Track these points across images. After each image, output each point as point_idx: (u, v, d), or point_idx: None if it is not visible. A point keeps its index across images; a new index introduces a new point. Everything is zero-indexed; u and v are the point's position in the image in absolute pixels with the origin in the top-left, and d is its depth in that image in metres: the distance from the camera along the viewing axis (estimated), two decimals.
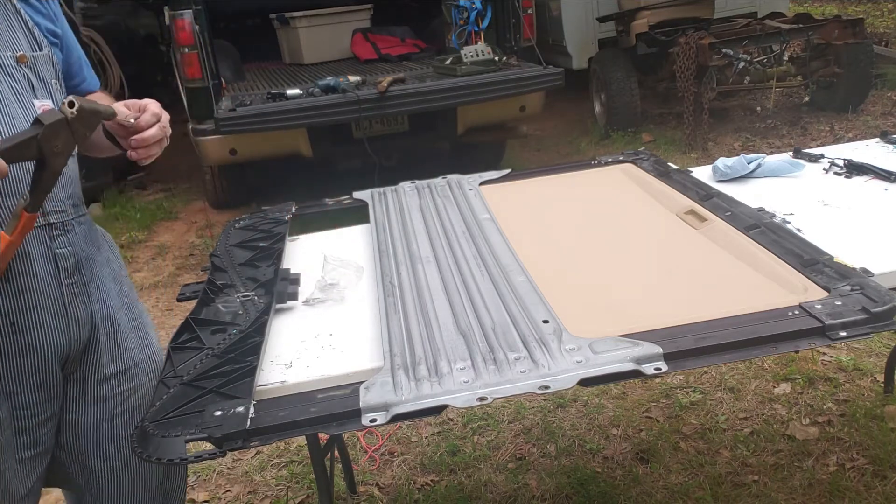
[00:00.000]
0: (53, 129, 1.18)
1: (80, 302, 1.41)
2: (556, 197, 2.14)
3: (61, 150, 1.20)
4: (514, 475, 2.40)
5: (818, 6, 9.99)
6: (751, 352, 1.26)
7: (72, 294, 1.39)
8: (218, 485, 2.54)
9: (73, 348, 1.41)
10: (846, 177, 1.99)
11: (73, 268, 1.39)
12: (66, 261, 1.38)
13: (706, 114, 5.40)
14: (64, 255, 1.38)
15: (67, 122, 1.19)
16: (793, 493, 2.18)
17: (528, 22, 4.92)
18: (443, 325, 1.40)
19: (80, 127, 1.21)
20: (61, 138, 1.19)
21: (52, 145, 1.18)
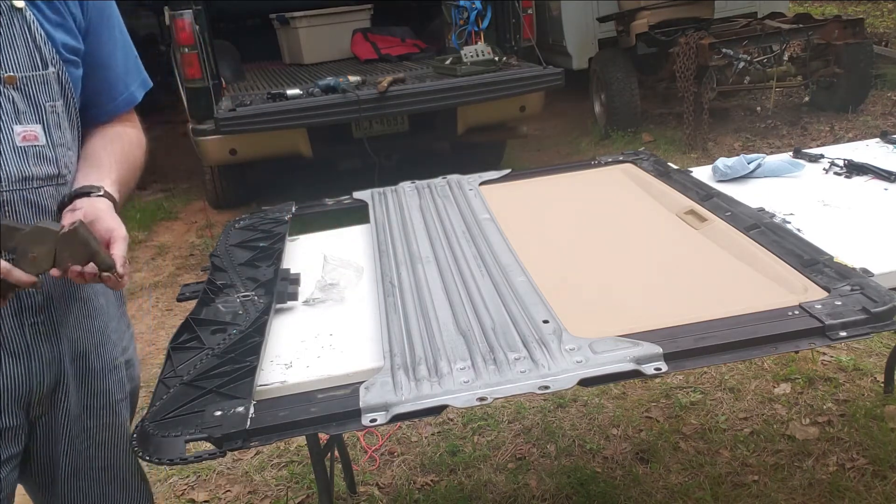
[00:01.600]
0: (35, 237, 1.10)
1: (46, 342, 1.28)
2: (556, 197, 2.14)
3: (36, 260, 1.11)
4: (514, 475, 2.40)
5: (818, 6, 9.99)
6: (751, 352, 1.26)
7: (36, 334, 1.26)
8: (218, 485, 2.54)
9: (36, 391, 1.29)
10: (846, 177, 1.98)
11: (39, 305, 1.26)
12: (32, 298, 1.25)
13: (706, 114, 5.40)
14: (29, 291, 1.22)
15: (55, 238, 1.11)
16: (793, 493, 2.18)
17: (528, 22, 4.92)
18: (443, 325, 1.40)
19: (65, 250, 1.12)
20: (40, 250, 1.10)
21: (28, 251, 1.10)
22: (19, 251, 1.09)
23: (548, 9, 6.61)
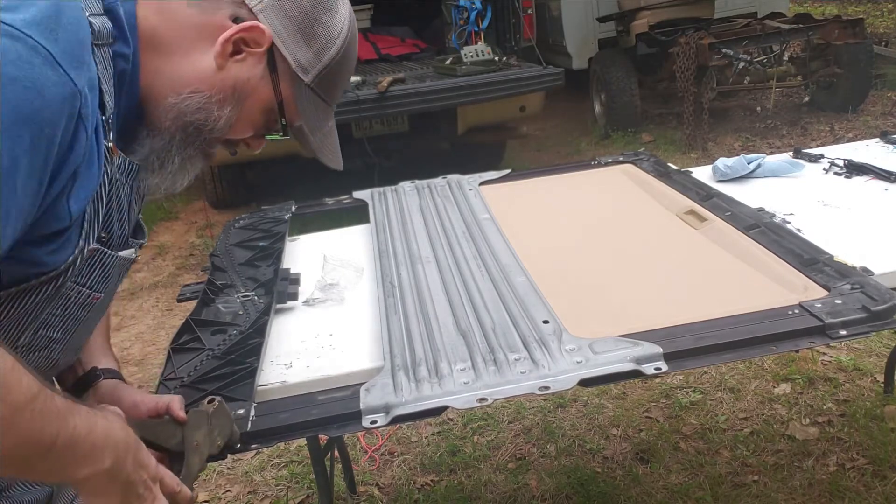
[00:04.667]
0: (194, 422, 1.07)
1: None
2: (555, 197, 2.14)
3: (199, 447, 1.06)
4: (514, 475, 2.40)
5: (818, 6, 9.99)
6: (751, 351, 1.26)
7: None
8: (218, 485, 2.54)
9: None
10: (846, 177, 1.98)
11: None
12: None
13: (706, 114, 5.40)
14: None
15: (207, 419, 1.08)
16: (793, 493, 2.18)
17: (528, 22, 4.92)
18: (443, 325, 1.40)
19: (215, 428, 1.08)
20: (199, 435, 1.07)
21: (192, 438, 1.06)
22: (186, 442, 1.05)
23: (548, 9, 6.61)
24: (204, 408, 1.08)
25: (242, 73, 0.93)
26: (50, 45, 0.73)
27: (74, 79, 0.75)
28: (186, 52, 0.91)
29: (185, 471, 1.03)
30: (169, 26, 0.90)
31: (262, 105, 0.98)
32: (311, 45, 0.96)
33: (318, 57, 0.97)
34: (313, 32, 0.96)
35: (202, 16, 0.91)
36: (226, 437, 1.10)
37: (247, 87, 0.95)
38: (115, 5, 0.86)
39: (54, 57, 0.73)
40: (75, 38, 0.77)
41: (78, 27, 0.78)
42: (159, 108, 0.92)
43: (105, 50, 0.84)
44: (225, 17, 0.91)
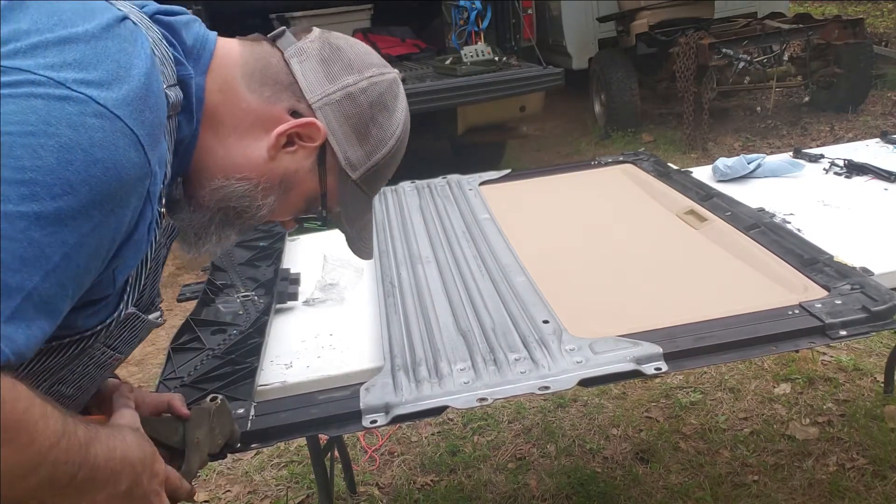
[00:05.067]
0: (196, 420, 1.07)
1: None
2: (555, 197, 2.14)
3: (199, 444, 1.06)
4: (514, 475, 2.40)
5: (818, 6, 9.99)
6: (751, 351, 1.26)
7: None
8: (218, 485, 2.54)
9: None
10: (846, 177, 1.98)
11: None
12: None
13: (706, 114, 5.40)
14: None
15: (209, 416, 1.08)
16: (793, 493, 2.18)
17: (528, 22, 4.92)
18: (443, 325, 1.40)
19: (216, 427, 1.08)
20: (201, 433, 1.07)
21: (194, 436, 1.06)
22: (188, 439, 1.05)
23: (548, 9, 6.61)
24: (206, 406, 1.08)
25: (292, 164, 0.93)
26: (137, 128, 0.73)
27: (150, 159, 0.75)
28: (241, 136, 0.91)
29: (185, 467, 1.03)
30: (228, 108, 0.90)
31: (306, 195, 0.98)
32: (364, 145, 0.96)
33: (369, 156, 0.97)
34: (367, 133, 0.96)
35: (262, 104, 0.90)
36: (227, 435, 1.10)
37: (294, 178, 0.95)
38: (189, 77, 0.87)
39: (139, 139, 0.73)
40: (157, 119, 0.78)
41: (160, 106, 0.79)
42: (205, 186, 0.92)
43: (173, 120, 0.84)
44: (283, 109, 0.91)
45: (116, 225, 0.74)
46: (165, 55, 0.83)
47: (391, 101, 0.97)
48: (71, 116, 0.68)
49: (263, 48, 0.93)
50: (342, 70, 0.93)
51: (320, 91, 0.92)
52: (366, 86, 0.94)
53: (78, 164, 0.68)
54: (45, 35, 0.71)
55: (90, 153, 0.69)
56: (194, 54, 0.88)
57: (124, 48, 0.75)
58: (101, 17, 0.76)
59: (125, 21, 0.78)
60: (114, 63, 0.73)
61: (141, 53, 0.77)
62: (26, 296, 0.66)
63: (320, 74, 0.92)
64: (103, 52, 0.73)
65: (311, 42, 0.94)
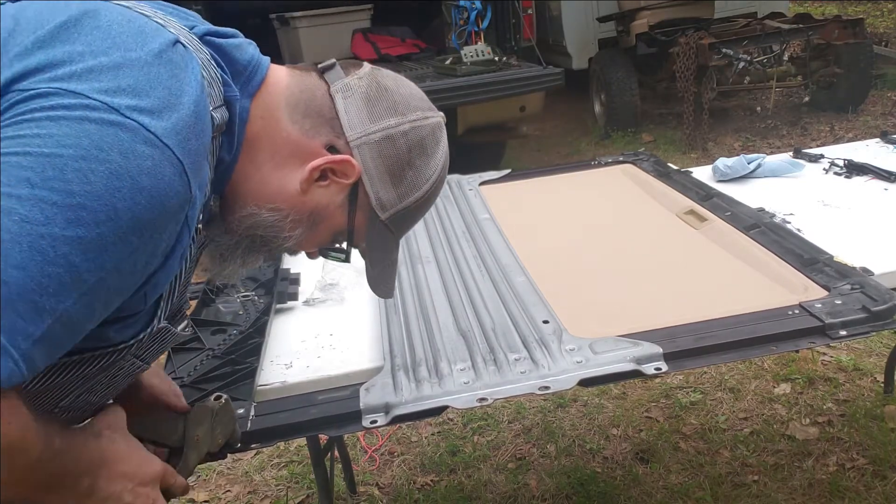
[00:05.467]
0: (197, 417, 1.07)
1: None
2: (556, 197, 2.14)
3: (199, 442, 1.06)
4: (514, 475, 2.40)
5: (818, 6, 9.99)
6: (751, 351, 1.26)
7: None
8: (218, 485, 2.54)
9: None
10: (846, 177, 1.98)
11: None
12: None
13: (706, 114, 5.40)
14: None
15: (211, 415, 1.08)
16: (793, 493, 2.18)
17: (528, 22, 4.92)
18: (443, 325, 1.40)
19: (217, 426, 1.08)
20: (201, 430, 1.07)
21: (193, 433, 1.06)
22: (187, 435, 1.05)
23: (548, 9, 6.61)
24: (209, 404, 1.08)
25: (323, 198, 0.93)
26: (183, 156, 0.74)
27: (192, 186, 0.76)
28: (277, 166, 0.90)
29: (182, 464, 1.03)
30: (269, 136, 0.89)
31: (334, 230, 0.98)
32: (397, 187, 0.95)
33: (401, 199, 0.96)
34: (402, 176, 0.94)
35: (301, 136, 0.90)
36: (227, 435, 1.10)
37: (324, 212, 0.94)
38: (234, 99, 0.87)
39: (184, 167, 0.74)
40: (202, 146, 0.78)
41: (206, 131, 0.79)
42: (236, 211, 0.92)
43: (217, 139, 0.85)
44: (321, 144, 0.90)
45: (153, 250, 0.75)
46: (214, 76, 0.84)
47: (431, 146, 0.97)
48: (122, 143, 0.69)
49: (311, 79, 0.93)
50: (385, 111, 0.92)
51: (361, 130, 0.91)
52: (407, 129, 0.93)
53: (125, 192, 0.69)
54: (100, 59, 0.72)
55: (137, 181, 0.70)
56: (244, 77, 0.89)
57: (176, 74, 0.76)
58: (153, 42, 0.76)
59: (177, 45, 0.79)
60: (165, 90, 0.74)
61: (191, 79, 0.77)
62: (57, 318, 0.68)
63: (363, 113, 0.91)
64: (156, 78, 0.74)
65: (358, 79, 0.93)
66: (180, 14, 0.88)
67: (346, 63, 0.96)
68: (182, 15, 0.88)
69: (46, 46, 0.72)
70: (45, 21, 0.74)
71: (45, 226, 0.65)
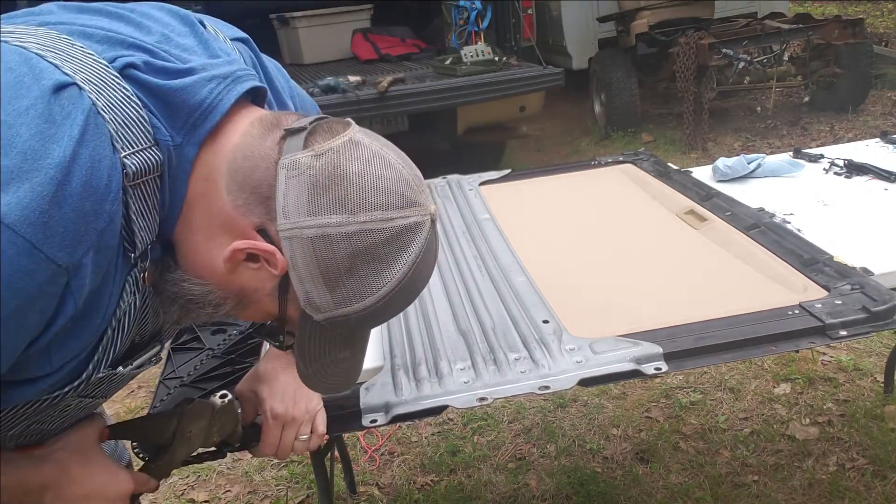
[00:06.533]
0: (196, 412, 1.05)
1: None
2: (556, 197, 2.14)
3: (192, 438, 1.04)
4: (514, 475, 2.40)
5: (818, 6, 9.99)
6: (751, 351, 1.26)
7: None
8: (218, 485, 2.54)
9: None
10: (846, 177, 1.98)
11: None
12: None
13: (706, 114, 5.40)
14: None
15: (211, 413, 1.06)
16: (793, 493, 2.18)
17: (528, 22, 4.92)
18: (443, 325, 1.40)
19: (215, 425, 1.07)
20: (196, 426, 1.04)
21: (187, 428, 1.03)
22: (180, 429, 1.02)
23: (548, 9, 6.61)
24: (211, 401, 1.07)
25: (252, 282, 0.83)
26: (33, 233, 0.65)
27: (57, 259, 0.67)
28: (209, 236, 0.81)
29: (166, 457, 1.02)
30: (206, 200, 0.80)
31: (266, 314, 0.88)
32: (333, 293, 0.79)
33: (339, 306, 0.80)
34: (339, 283, 0.78)
35: (233, 210, 0.79)
36: (225, 435, 1.09)
37: (253, 295, 0.85)
38: (166, 143, 0.77)
39: (34, 244, 0.66)
40: (80, 212, 0.69)
41: (93, 190, 0.70)
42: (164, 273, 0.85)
43: (149, 184, 0.76)
44: (251, 224, 0.79)
45: (14, 328, 0.68)
46: (130, 117, 0.74)
47: (388, 253, 0.78)
48: None
49: (263, 145, 0.80)
50: (330, 204, 0.76)
51: (294, 220, 0.77)
52: (352, 231, 0.76)
53: None
54: None
55: None
56: (187, 121, 0.78)
57: (42, 131, 0.67)
58: (24, 97, 0.68)
59: (63, 91, 0.70)
60: (19, 155, 0.65)
61: (64, 135, 0.68)
62: None
63: (302, 201, 0.76)
64: (10, 142, 0.65)
65: (314, 157, 0.77)
66: (116, 38, 0.78)
67: (323, 127, 0.81)
68: (119, 38, 0.79)
69: None
70: None
71: None
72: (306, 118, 0.82)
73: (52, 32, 0.76)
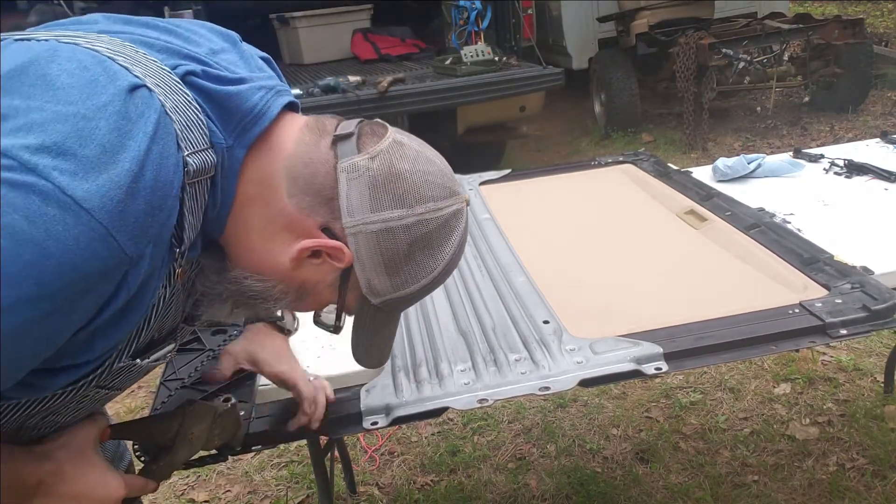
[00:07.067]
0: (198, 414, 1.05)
1: None
2: (556, 197, 2.14)
3: (193, 440, 1.04)
4: (514, 475, 2.40)
5: (818, 6, 9.99)
6: (751, 351, 1.26)
7: None
8: (218, 485, 2.54)
9: None
10: (846, 177, 1.99)
11: None
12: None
13: (706, 114, 5.40)
14: None
15: (213, 416, 1.06)
16: (793, 493, 2.18)
17: (528, 22, 4.92)
18: (443, 325, 1.40)
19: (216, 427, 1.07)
20: (198, 428, 1.05)
21: (189, 429, 1.04)
22: (182, 430, 1.03)
23: (548, 9, 6.61)
24: (214, 404, 1.07)
25: (314, 275, 0.89)
26: (109, 219, 0.68)
27: (126, 248, 0.71)
28: (268, 236, 0.86)
29: (168, 458, 1.02)
30: (263, 202, 0.85)
31: (323, 304, 0.96)
32: (392, 278, 0.89)
33: (396, 289, 0.90)
34: (399, 269, 0.88)
35: (297, 212, 0.85)
36: (226, 438, 1.09)
37: (314, 288, 0.92)
38: (220, 146, 0.82)
39: (109, 231, 0.69)
40: (150, 206, 0.72)
41: (161, 186, 0.73)
42: (224, 270, 0.89)
43: (202, 183, 0.81)
44: (316, 224, 0.86)
45: (74, 313, 0.71)
46: (193, 119, 0.79)
47: (439, 239, 0.89)
48: (30, 206, 0.65)
49: (319, 151, 0.86)
50: (390, 201, 0.85)
51: (359, 218, 0.85)
52: (411, 223, 0.86)
53: (27, 258, 0.65)
54: (32, 115, 0.68)
55: (43, 247, 0.65)
56: (239, 125, 0.83)
57: (119, 127, 0.71)
58: (102, 94, 0.71)
59: (136, 91, 0.74)
60: (98, 147, 0.69)
61: (139, 132, 0.72)
62: None
63: (365, 200, 0.85)
64: (90, 134, 0.69)
65: (370, 159, 0.85)
66: (171, 50, 0.83)
67: (367, 130, 0.88)
68: (173, 50, 0.83)
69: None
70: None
71: None
72: (348, 123, 0.89)
73: (116, 40, 0.80)
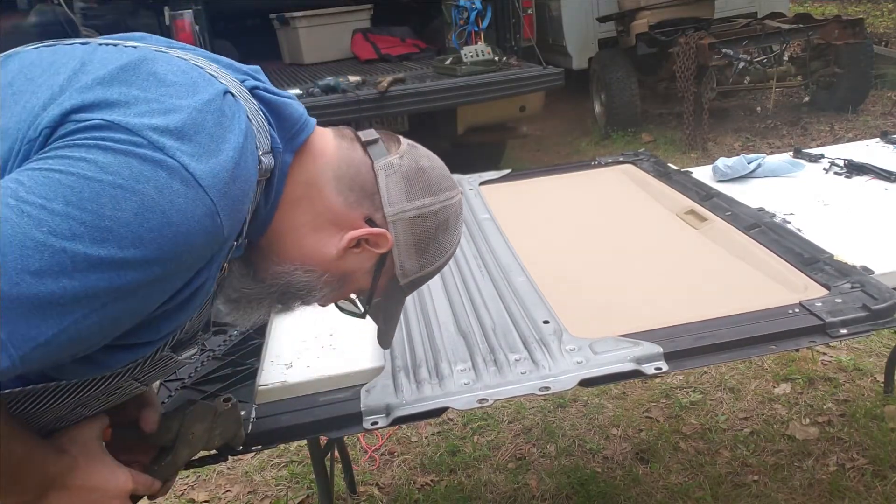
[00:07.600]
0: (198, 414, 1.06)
1: None
2: (556, 197, 2.14)
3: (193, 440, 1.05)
4: (514, 475, 2.40)
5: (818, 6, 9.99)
6: (751, 350, 1.26)
7: None
8: (218, 485, 2.54)
9: None
10: (846, 177, 1.99)
11: None
12: None
13: (706, 114, 5.40)
14: None
15: (213, 415, 1.07)
16: (793, 493, 2.18)
17: (528, 22, 4.92)
18: (443, 325, 1.40)
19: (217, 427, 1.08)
20: (198, 428, 1.06)
21: (189, 429, 1.05)
22: (182, 430, 1.05)
23: (548, 9, 6.61)
24: (214, 404, 1.08)
25: (355, 264, 1.00)
26: (218, 199, 0.77)
27: (225, 228, 0.79)
28: (316, 230, 0.96)
29: (170, 459, 1.03)
30: (311, 202, 0.95)
31: (356, 290, 1.07)
32: (420, 259, 1.03)
33: (422, 268, 1.04)
34: (426, 249, 1.03)
35: (344, 207, 0.96)
36: (226, 439, 1.09)
37: (353, 275, 1.02)
38: (278, 150, 0.91)
39: (217, 209, 0.77)
40: (242, 192, 0.82)
41: (248, 178, 0.83)
42: (270, 266, 0.97)
43: (261, 184, 0.89)
44: (361, 215, 0.97)
45: (172, 283, 0.78)
46: (261, 125, 0.89)
47: (454, 223, 1.05)
48: (160, 179, 0.73)
49: (356, 154, 0.99)
50: (421, 191, 1.01)
51: (398, 207, 0.99)
52: (437, 209, 1.02)
53: (153, 224, 0.73)
54: (151, 104, 0.77)
55: (168, 216, 0.73)
56: (290, 132, 0.93)
57: (221, 122, 0.80)
58: (203, 92, 0.81)
59: (226, 95, 0.83)
60: (208, 136, 0.78)
61: (235, 128, 0.81)
62: (63, 329, 0.71)
63: (402, 191, 0.99)
64: (201, 124, 0.78)
65: (399, 158, 1.01)
66: (233, 67, 0.94)
67: (386, 137, 1.03)
68: (235, 68, 0.94)
69: (105, 85, 0.77)
70: (108, 63, 0.80)
71: (70, 241, 0.69)
72: (368, 132, 1.03)
73: (190, 54, 0.90)
